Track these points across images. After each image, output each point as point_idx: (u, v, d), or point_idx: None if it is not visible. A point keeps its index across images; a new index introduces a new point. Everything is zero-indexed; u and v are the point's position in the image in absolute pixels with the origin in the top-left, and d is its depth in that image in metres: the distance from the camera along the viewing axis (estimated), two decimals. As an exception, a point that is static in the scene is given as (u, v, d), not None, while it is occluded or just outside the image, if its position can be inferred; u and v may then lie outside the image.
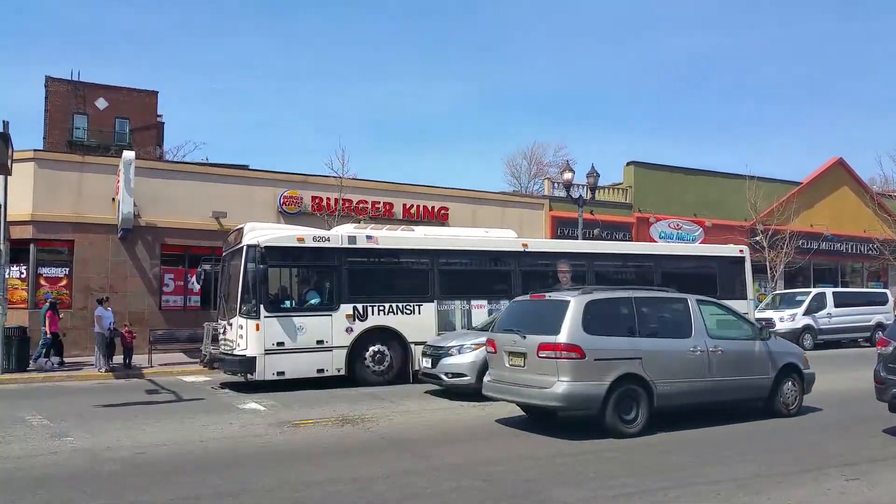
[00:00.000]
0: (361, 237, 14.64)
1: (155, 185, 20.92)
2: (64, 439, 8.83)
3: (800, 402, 10.37)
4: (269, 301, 13.53)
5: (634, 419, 8.78)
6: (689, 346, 9.34)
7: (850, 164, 36.65)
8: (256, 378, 13.07)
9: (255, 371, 13.05)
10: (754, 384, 9.93)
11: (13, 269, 19.23)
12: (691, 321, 9.56)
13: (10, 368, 15.77)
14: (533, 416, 9.80)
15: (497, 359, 9.61)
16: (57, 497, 6.29)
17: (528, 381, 8.94)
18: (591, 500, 6.16)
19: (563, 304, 8.94)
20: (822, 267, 35.15)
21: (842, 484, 6.67)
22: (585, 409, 8.75)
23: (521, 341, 9.08)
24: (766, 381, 9.99)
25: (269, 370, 13.14)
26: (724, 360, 9.54)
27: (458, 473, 7.04)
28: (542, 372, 8.71)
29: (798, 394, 10.34)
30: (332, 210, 22.76)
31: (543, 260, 16.69)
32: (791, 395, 10.24)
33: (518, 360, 9.12)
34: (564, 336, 8.57)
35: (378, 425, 9.72)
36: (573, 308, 8.78)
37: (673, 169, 31.64)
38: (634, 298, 9.44)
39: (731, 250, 19.10)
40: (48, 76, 44.51)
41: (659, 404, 8.93)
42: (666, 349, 9.18)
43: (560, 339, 8.57)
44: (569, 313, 8.73)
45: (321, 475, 6.99)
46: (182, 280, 21.59)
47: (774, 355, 10.17)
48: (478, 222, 23.37)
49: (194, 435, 9.07)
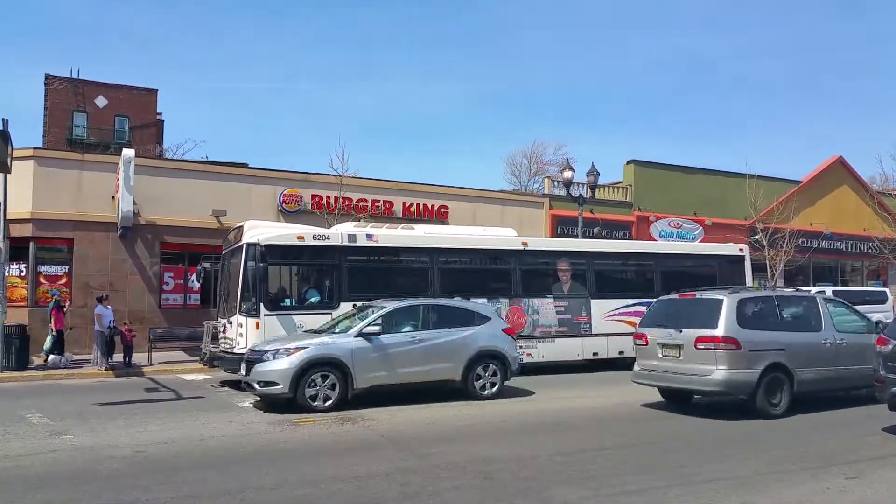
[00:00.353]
0: (361, 235, 14.63)
1: (155, 183, 20.91)
2: (64, 437, 8.83)
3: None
4: (269, 299, 13.53)
5: (779, 403, 10.01)
6: (821, 339, 10.55)
7: (849, 163, 36.66)
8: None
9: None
10: (866, 373, 10.30)
11: (13, 267, 19.24)
12: (821, 317, 10.74)
13: (10, 366, 15.76)
14: (673, 400, 11.12)
15: (648, 350, 10.87)
16: (57, 496, 6.29)
17: (684, 369, 10.17)
18: (592, 498, 6.16)
19: (717, 301, 10.13)
20: (821, 265, 35.16)
21: (842, 482, 6.68)
22: (739, 394, 10.04)
23: (677, 335, 10.27)
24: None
25: (269, 368, 13.12)
26: (847, 351, 10.66)
27: (458, 472, 7.04)
28: (700, 361, 9.92)
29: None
30: (331, 209, 22.76)
31: (543, 258, 16.70)
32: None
33: (673, 351, 10.36)
34: (722, 329, 9.81)
35: (378, 424, 9.73)
36: (727, 305, 9.99)
37: (673, 167, 31.63)
38: (776, 297, 11.07)
39: (731, 249, 19.11)
40: (48, 74, 44.48)
41: (798, 390, 10.13)
42: (803, 341, 10.40)
43: (718, 332, 9.82)
44: (724, 310, 9.95)
45: (321, 473, 7.00)
46: (182, 278, 21.59)
47: None
48: (478, 221, 23.36)
49: (194, 433, 9.07)
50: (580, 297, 16.41)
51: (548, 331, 15.92)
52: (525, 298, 15.79)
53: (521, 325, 15.63)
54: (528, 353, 15.59)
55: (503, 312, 15.40)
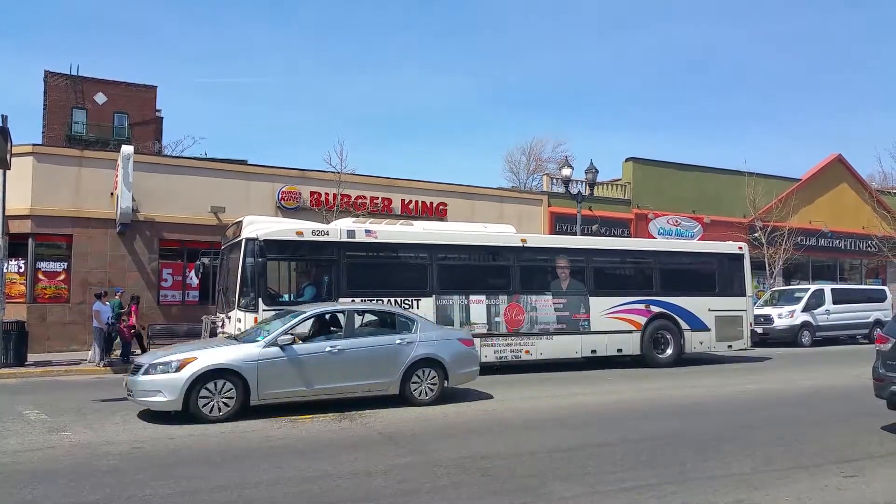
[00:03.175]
0: (360, 231, 14.62)
1: (154, 179, 20.90)
2: (61, 434, 8.81)
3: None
4: (268, 294, 13.52)
5: None
6: None
7: (848, 161, 36.68)
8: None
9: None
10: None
11: (11, 263, 19.23)
12: None
13: (9, 363, 15.76)
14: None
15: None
16: (55, 492, 6.28)
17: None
18: (590, 494, 6.16)
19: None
20: (820, 263, 35.20)
21: (840, 480, 6.67)
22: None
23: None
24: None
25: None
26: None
27: (457, 468, 7.04)
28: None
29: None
30: (330, 205, 22.76)
31: (542, 255, 16.69)
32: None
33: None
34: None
35: (376, 420, 9.72)
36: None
37: (672, 165, 31.63)
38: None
39: (730, 247, 19.10)
40: (47, 70, 44.46)
41: None
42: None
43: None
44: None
45: (319, 470, 6.99)
46: (180, 275, 21.59)
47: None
48: (476, 218, 23.36)
49: (193, 429, 9.06)
50: (579, 295, 16.41)
51: (546, 328, 15.91)
52: (524, 295, 15.78)
53: (520, 321, 15.64)
54: (526, 351, 15.62)
55: (502, 309, 15.42)
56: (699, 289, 17.93)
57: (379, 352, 10.73)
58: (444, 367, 11.08)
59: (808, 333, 24.54)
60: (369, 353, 10.65)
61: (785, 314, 24.48)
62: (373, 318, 11.82)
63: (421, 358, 10.91)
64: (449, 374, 11.16)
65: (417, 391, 10.88)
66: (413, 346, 10.92)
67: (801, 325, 24.43)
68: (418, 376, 10.89)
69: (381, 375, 10.68)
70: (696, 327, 17.54)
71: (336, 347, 10.38)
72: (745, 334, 18.32)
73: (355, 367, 10.47)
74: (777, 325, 24.31)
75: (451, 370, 11.16)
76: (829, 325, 25.08)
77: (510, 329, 15.50)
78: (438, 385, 11.04)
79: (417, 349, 10.92)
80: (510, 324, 15.51)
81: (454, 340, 11.53)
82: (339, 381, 10.39)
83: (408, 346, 10.88)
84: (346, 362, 10.40)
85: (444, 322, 14.69)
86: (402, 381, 10.77)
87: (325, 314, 11.46)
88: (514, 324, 15.55)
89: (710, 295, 17.95)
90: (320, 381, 10.24)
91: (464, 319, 14.97)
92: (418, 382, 10.90)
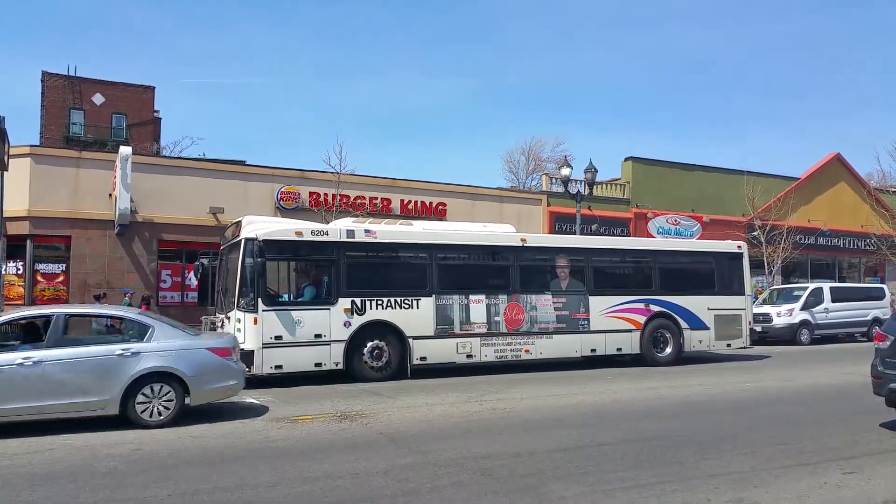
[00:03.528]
0: (360, 231, 14.61)
1: (152, 180, 20.89)
2: (61, 435, 8.79)
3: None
4: (267, 295, 13.51)
5: None
6: None
7: (847, 160, 36.71)
8: (254, 372, 13.03)
9: (253, 365, 13.00)
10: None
11: (10, 265, 19.20)
12: None
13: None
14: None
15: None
16: (55, 494, 6.28)
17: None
18: (590, 493, 6.16)
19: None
20: (819, 262, 35.25)
21: (839, 477, 6.68)
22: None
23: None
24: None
25: (267, 364, 13.13)
26: None
27: (457, 468, 7.04)
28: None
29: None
30: (329, 206, 22.76)
31: (542, 255, 16.69)
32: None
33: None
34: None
35: (376, 421, 9.72)
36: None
37: (671, 164, 31.66)
38: None
39: (729, 246, 19.11)
40: (45, 71, 44.39)
41: None
42: None
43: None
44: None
45: (319, 470, 6.99)
46: (179, 276, 21.59)
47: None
48: (475, 218, 23.36)
49: (192, 430, 9.05)
50: (578, 294, 16.41)
51: (546, 327, 15.91)
52: (523, 295, 15.78)
53: (520, 321, 15.63)
54: (526, 350, 15.61)
55: (502, 308, 15.42)
56: (698, 288, 17.94)
57: (88, 364, 8.93)
58: (184, 382, 9.34)
59: (807, 332, 24.56)
60: (74, 365, 8.86)
61: (784, 312, 24.50)
62: (100, 325, 10.40)
63: (150, 371, 9.14)
64: (192, 391, 9.44)
65: (145, 411, 9.13)
66: (139, 357, 9.12)
67: (799, 323, 24.45)
68: (145, 394, 9.14)
69: (93, 393, 8.90)
70: (695, 326, 17.55)
71: (31, 360, 8.67)
72: (745, 333, 18.32)
73: (57, 383, 8.74)
74: (776, 323, 24.33)
75: (193, 385, 9.39)
76: (828, 323, 25.10)
77: (510, 328, 15.50)
78: (176, 403, 9.29)
79: (145, 361, 9.13)
80: (510, 323, 15.51)
81: (202, 350, 9.62)
82: (34, 401, 8.66)
83: (132, 358, 9.08)
84: (45, 378, 8.68)
85: (444, 322, 14.72)
86: (122, 399, 9.01)
87: (28, 319, 9.64)
88: (513, 323, 15.54)
89: (710, 294, 17.96)
90: (5, 400, 8.54)
91: (463, 319, 14.97)
92: (147, 401, 9.14)
